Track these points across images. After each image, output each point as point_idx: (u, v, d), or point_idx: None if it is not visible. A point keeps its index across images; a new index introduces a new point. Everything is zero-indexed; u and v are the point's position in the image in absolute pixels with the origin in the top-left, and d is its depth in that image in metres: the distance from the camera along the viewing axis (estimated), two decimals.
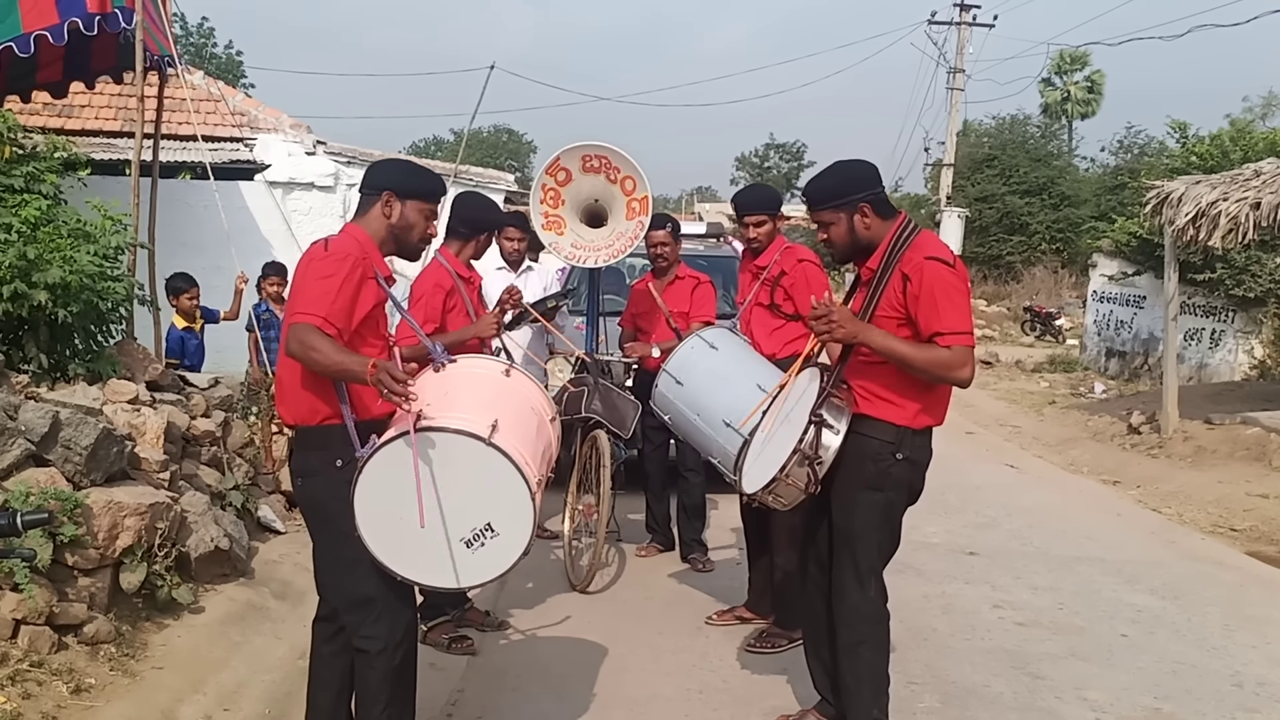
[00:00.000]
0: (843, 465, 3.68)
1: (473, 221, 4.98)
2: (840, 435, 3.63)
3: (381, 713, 3.35)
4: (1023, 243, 32.01)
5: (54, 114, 12.94)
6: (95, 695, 3.93)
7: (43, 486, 4.30)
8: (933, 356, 3.53)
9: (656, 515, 6.77)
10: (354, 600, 3.35)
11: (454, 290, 4.92)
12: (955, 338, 3.51)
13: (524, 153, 58.31)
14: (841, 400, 3.69)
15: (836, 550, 3.85)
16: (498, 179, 18.38)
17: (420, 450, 3.06)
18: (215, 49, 39.00)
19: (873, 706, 3.81)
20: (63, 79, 8.34)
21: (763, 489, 3.72)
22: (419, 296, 4.86)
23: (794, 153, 58.31)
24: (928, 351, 3.53)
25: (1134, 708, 4.61)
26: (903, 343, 3.57)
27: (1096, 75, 44.05)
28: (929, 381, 3.64)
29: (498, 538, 3.15)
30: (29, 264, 5.04)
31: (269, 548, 5.92)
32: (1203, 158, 16.02)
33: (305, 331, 3.13)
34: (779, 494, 3.71)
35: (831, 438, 3.62)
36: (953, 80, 30.37)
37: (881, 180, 3.82)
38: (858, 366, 3.74)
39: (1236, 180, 10.65)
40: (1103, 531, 7.92)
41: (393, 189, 3.42)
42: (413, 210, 3.45)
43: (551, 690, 4.55)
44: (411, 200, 3.44)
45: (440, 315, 4.84)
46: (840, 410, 3.67)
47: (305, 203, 14.33)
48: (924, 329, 3.55)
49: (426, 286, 4.89)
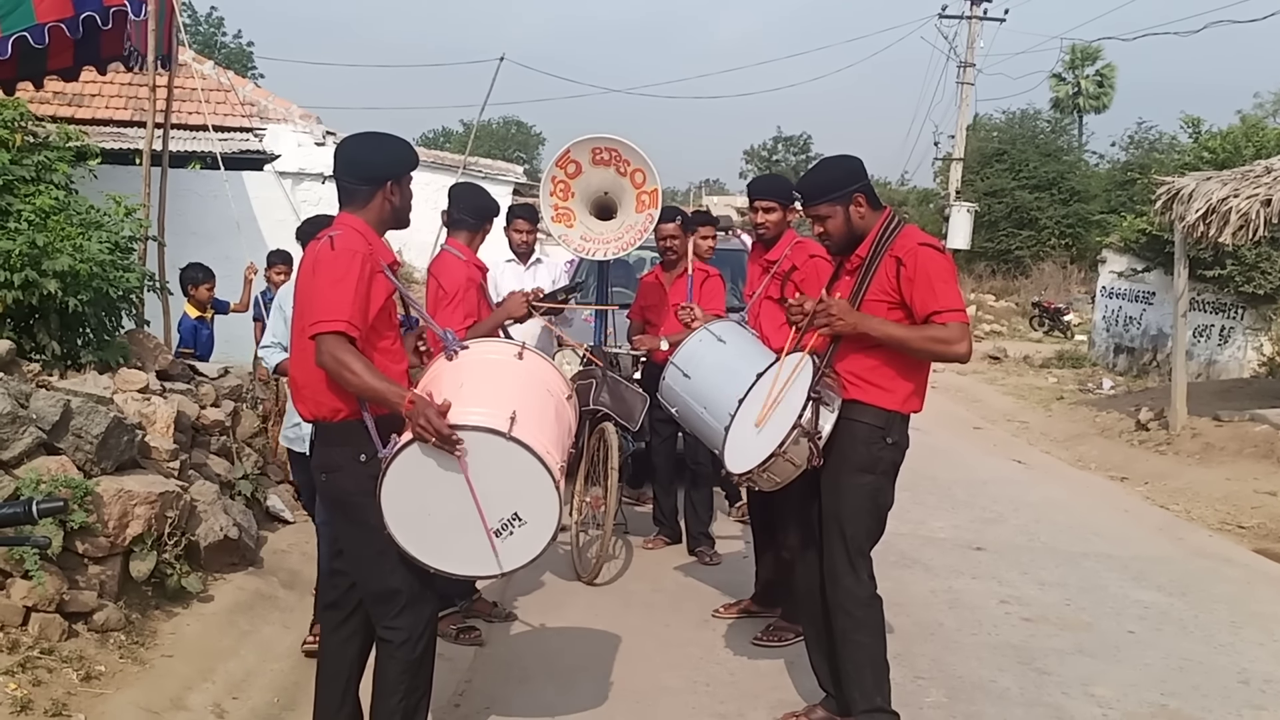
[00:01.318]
0: (833, 450, 3.77)
1: (481, 210, 4.97)
2: (835, 414, 3.74)
3: (399, 703, 3.37)
4: (1032, 238, 31.93)
5: (64, 103, 13.00)
6: (105, 682, 3.95)
7: (53, 474, 4.32)
8: (931, 335, 3.65)
9: (664, 508, 6.78)
10: (380, 592, 3.38)
11: (474, 280, 4.95)
12: (952, 315, 3.64)
13: (532, 145, 58.26)
14: (833, 382, 3.80)
15: (827, 535, 3.90)
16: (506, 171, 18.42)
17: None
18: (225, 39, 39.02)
19: (875, 694, 3.84)
20: (74, 65, 8.37)
21: (759, 466, 3.77)
22: (453, 293, 4.79)
23: (801, 146, 58.26)
24: (926, 331, 3.65)
25: (1140, 704, 4.61)
26: (899, 327, 3.69)
27: (1107, 70, 43.83)
28: (927, 360, 3.77)
29: (525, 526, 3.24)
30: (39, 252, 5.06)
31: (278, 537, 5.95)
32: (1214, 153, 15.96)
33: (337, 347, 3.12)
34: (773, 471, 3.77)
35: (828, 415, 3.74)
36: (963, 74, 30.20)
37: (867, 173, 3.95)
38: (846, 354, 3.82)
39: (1247, 177, 10.61)
40: (1110, 527, 7.92)
41: (394, 176, 3.38)
42: (408, 185, 3.46)
43: (558, 681, 4.57)
44: (406, 177, 3.45)
45: (477, 309, 4.85)
46: (834, 391, 3.78)
47: (315, 193, 14.36)
48: (920, 309, 3.66)
49: (459, 281, 4.81)
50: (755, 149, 59.80)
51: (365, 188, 3.36)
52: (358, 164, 3.39)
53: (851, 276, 3.85)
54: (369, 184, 3.36)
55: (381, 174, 3.37)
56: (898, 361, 3.75)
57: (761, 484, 3.87)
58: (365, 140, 3.45)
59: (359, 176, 3.37)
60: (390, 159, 3.41)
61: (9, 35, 6.49)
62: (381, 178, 3.37)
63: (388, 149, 3.42)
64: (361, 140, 3.45)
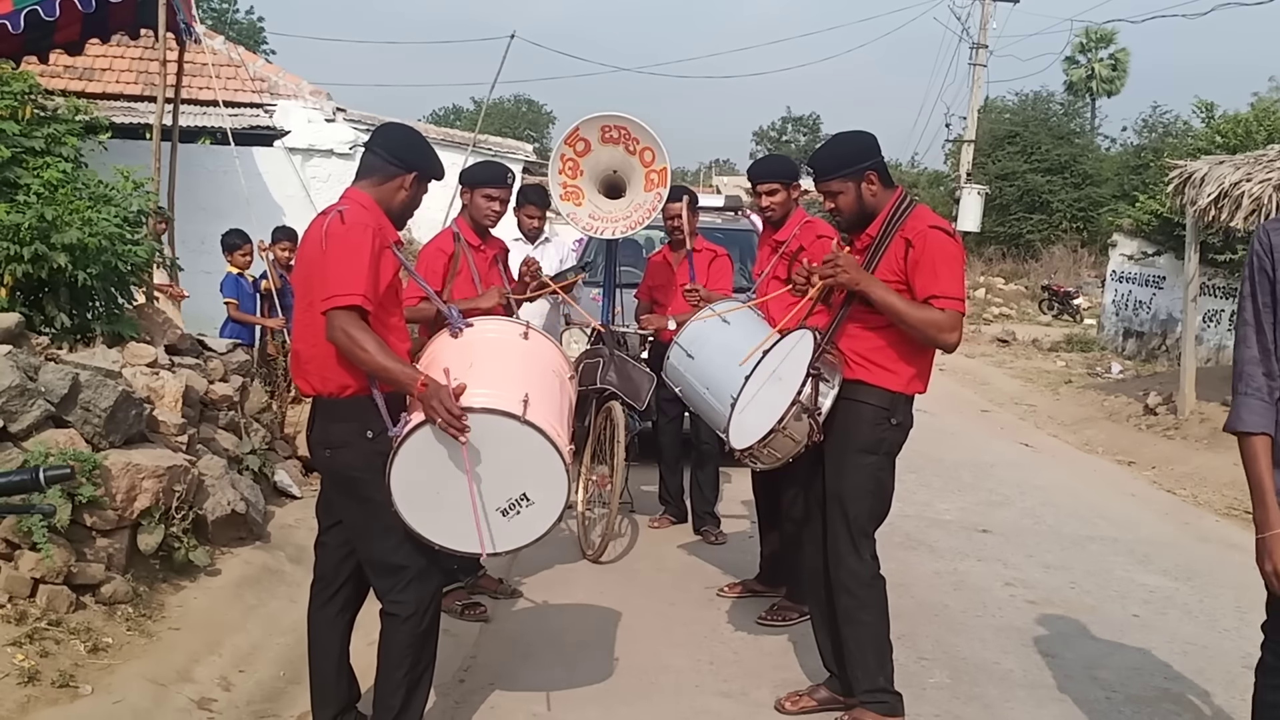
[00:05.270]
0: (836, 430, 3.78)
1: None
2: (834, 391, 3.75)
3: (404, 677, 3.39)
4: (1043, 221, 31.82)
5: (74, 77, 12.99)
6: (112, 654, 3.98)
7: (62, 447, 4.33)
8: (926, 316, 3.63)
9: (670, 487, 6.79)
10: (385, 567, 3.39)
11: (458, 255, 5.02)
12: (949, 302, 3.63)
13: (543, 123, 58.14)
14: (834, 359, 3.80)
15: (830, 515, 3.90)
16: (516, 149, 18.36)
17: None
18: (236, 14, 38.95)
19: (878, 674, 3.86)
20: (79, 38, 8.37)
21: (759, 441, 3.78)
22: (421, 258, 5.05)
23: (810, 126, 58.05)
24: (922, 310, 3.64)
25: (1144, 688, 4.62)
26: (899, 298, 3.67)
27: (1121, 53, 43.56)
28: (919, 341, 3.74)
29: (533, 506, 3.29)
30: (48, 225, 5.06)
31: (285, 512, 5.97)
32: (1226, 137, 15.86)
33: (349, 322, 3.12)
34: (773, 447, 3.78)
35: (828, 391, 3.74)
36: (975, 56, 29.98)
37: (881, 150, 3.91)
38: (853, 334, 3.82)
39: (1260, 161, 10.55)
40: (1116, 511, 7.91)
41: (420, 173, 3.44)
42: (423, 191, 3.50)
43: (563, 658, 4.58)
44: (427, 182, 3.49)
45: (441, 278, 4.93)
46: (833, 368, 3.78)
47: (324, 169, 14.36)
48: (920, 291, 3.65)
49: (429, 249, 5.10)
50: (764, 129, 59.67)
51: (391, 167, 3.40)
52: (398, 143, 3.46)
53: (861, 256, 3.83)
54: (395, 164, 3.40)
55: (412, 162, 3.42)
56: (903, 343, 3.74)
57: (763, 460, 3.88)
58: (415, 133, 3.57)
59: (392, 153, 3.42)
60: (426, 157, 3.48)
61: (21, 9, 6.48)
62: (410, 166, 3.42)
63: (429, 151, 3.51)
64: (412, 131, 3.59)
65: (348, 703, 3.64)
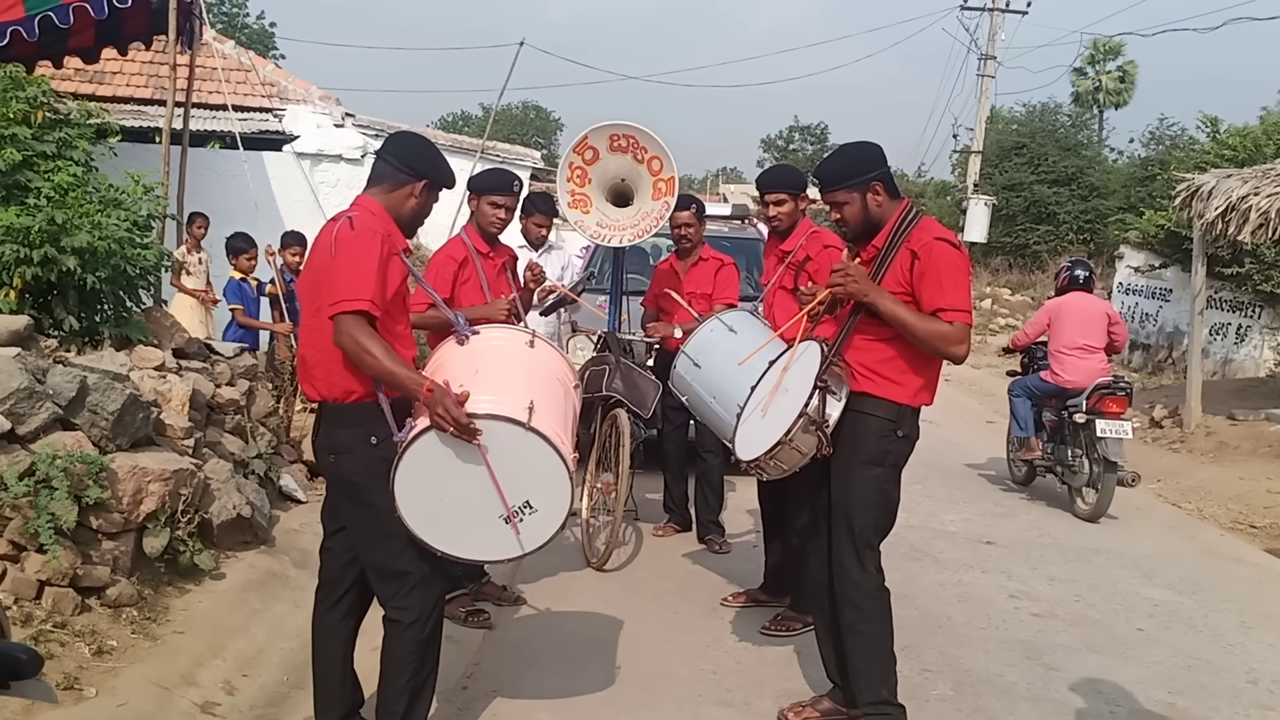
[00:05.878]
0: (843, 442, 3.77)
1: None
2: (842, 403, 3.75)
3: (407, 682, 3.40)
4: (1050, 232, 31.70)
5: (85, 80, 13.03)
6: (117, 657, 3.99)
7: (69, 450, 4.34)
8: (934, 328, 3.63)
9: (675, 495, 6.79)
10: (388, 572, 3.40)
11: (467, 262, 5.01)
12: (957, 314, 3.62)
13: (550, 130, 58.15)
14: (841, 371, 3.79)
15: (835, 527, 3.90)
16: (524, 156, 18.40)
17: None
18: (247, 19, 39.06)
19: (882, 686, 3.85)
20: (94, 45, 8.40)
21: (765, 453, 3.77)
22: (430, 266, 5.02)
23: (818, 135, 58.04)
24: (930, 323, 3.63)
25: (1148, 702, 4.60)
26: (907, 310, 3.66)
27: (1129, 66, 43.49)
28: (926, 353, 3.73)
29: (536, 514, 3.30)
30: (58, 228, 5.08)
31: (290, 516, 5.98)
32: (1234, 151, 15.85)
33: (356, 328, 3.13)
34: (780, 459, 3.77)
35: (835, 403, 3.73)
36: (984, 67, 30.04)
37: (887, 161, 3.91)
38: (860, 345, 3.81)
39: (1268, 175, 10.55)
40: (1121, 524, 7.89)
41: (430, 181, 3.45)
42: (433, 200, 3.52)
43: (566, 666, 4.58)
44: (437, 190, 3.51)
45: (450, 286, 4.93)
46: (840, 380, 3.77)
47: (333, 175, 14.40)
48: (927, 304, 3.65)
49: (439, 256, 5.10)
50: (772, 138, 59.61)
51: (401, 175, 3.42)
52: (409, 152, 3.48)
53: (867, 267, 3.83)
54: (406, 172, 3.42)
55: (422, 170, 3.44)
56: (910, 355, 3.73)
57: (769, 471, 3.87)
58: (426, 142, 3.58)
59: (402, 161, 3.44)
60: (437, 166, 3.50)
61: (34, 15, 6.52)
62: (420, 174, 3.43)
63: (439, 160, 3.52)
64: (423, 140, 3.59)
65: (351, 708, 3.64)
